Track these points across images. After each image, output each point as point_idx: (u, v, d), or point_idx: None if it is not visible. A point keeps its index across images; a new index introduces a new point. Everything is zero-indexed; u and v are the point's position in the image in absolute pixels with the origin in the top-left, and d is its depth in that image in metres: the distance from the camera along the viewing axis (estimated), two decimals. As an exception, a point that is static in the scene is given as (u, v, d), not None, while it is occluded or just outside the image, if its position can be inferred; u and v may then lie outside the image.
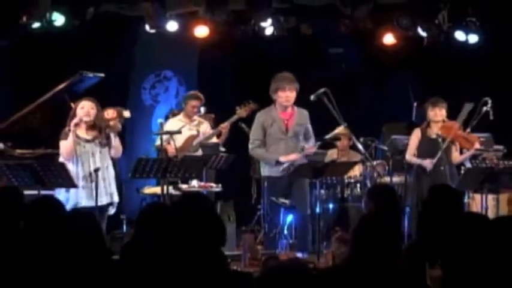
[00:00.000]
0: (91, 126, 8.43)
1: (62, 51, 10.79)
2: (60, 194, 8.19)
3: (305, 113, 9.11)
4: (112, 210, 8.62)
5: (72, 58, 10.72)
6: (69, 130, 8.35)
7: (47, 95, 9.60)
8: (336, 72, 12.00)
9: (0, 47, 11.17)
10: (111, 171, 8.59)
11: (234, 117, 10.10)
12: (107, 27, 11.06)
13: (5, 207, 5.28)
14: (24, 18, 9.83)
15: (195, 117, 10.23)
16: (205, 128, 10.18)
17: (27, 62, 11.18)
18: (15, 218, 5.07)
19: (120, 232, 10.06)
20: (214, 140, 10.18)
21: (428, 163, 9.04)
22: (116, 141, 8.52)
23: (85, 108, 8.39)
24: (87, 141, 8.42)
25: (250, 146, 9.14)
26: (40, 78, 10.51)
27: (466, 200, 9.01)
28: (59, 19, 9.91)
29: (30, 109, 9.63)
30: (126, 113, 8.67)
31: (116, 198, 8.56)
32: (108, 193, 8.45)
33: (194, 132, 10.07)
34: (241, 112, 10.04)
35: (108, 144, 8.46)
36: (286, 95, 8.93)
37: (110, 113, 8.54)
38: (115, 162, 9.12)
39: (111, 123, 8.48)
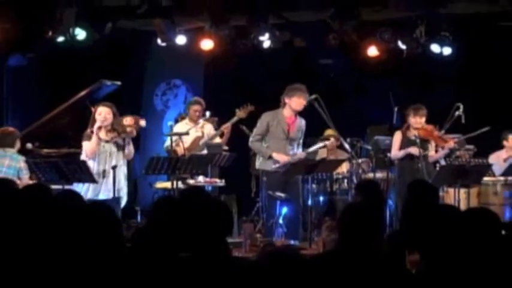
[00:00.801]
0: (110, 129, 8.44)
1: (84, 62, 10.79)
2: (78, 187, 8.17)
3: (304, 121, 9.18)
4: (122, 203, 8.59)
5: (93, 68, 10.72)
6: (92, 132, 8.36)
7: (70, 100, 9.62)
8: (325, 80, 12.01)
9: (29, 58, 11.18)
10: (123, 171, 8.57)
11: (235, 119, 10.07)
12: (123, 41, 11.08)
13: (34, 202, 5.29)
14: (50, 33, 9.83)
15: (200, 120, 10.20)
16: (209, 129, 10.17)
17: (53, 72, 11.19)
18: (43, 212, 5.06)
19: (135, 222, 10.08)
20: (218, 140, 10.17)
21: (414, 150, 9.05)
22: (129, 145, 8.51)
23: (102, 115, 8.39)
24: (106, 141, 8.43)
25: (250, 139, 9.19)
26: (64, 86, 10.52)
27: (440, 194, 9.00)
28: (81, 34, 9.91)
29: (55, 113, 9.65)
30: (142, 122, 8.68)
31: (123, 194, 8.52)
32: (116, 189, 8.42)
33: (199, 134, 10.06)
34: (241, 113, 10.01)
35: (123, 146, 8.46)
36: (301, 102, 8.96)
37: (128, 120, 8.56)
38: (129, 161, 9.14)
39: (128, 129, 8.48)
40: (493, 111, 10.97)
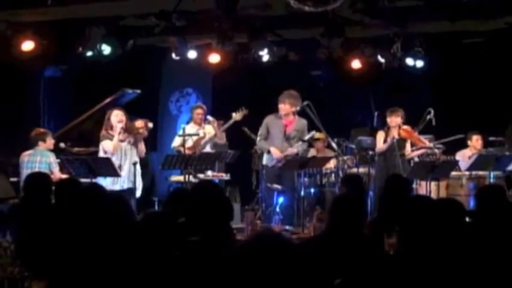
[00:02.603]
0: (124, 130, 8.39)
1: (108, 73, 10.77)
2: (99, 180, 8.11)
3: (303, 121, 9.17)
4: (137, 194, 8.49)
5: (116, 78, 10.69)
6: (108, 133, 8.34)
7: (96, 106, 9.59)
8: (316, 89, 11.99)
9: (63, 70, 11.17)
10: (137, 167, 8.50)
11: (231, 121, 9.99)
12: (143, 55, 11.05)
13: (67, 193, 5.29)
14: (80, 49, 9.81)
15: (203, 124, 10.11)
16: (210, 129, 10.04)
17: (82, 82, 11.17)
18: (74, 201, 5.05)
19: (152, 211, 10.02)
20: (216, 138, 10.03)
21: (390, 138, 9.00)
22: (141, 144, 8.48)
23: (118, 116, 8.36)
24: (121, 141, 8.39)
25: (257, 139, 9.32)
26: (91, 93, 10.50)
27: (414, 186, 8.97)
28: (106, 49, 9.87)
29: (84, 117, 9.64)
30: (150, 124, 8.67)
31: (137, 185, 8.44)
32: (130, 181, 8.37)
33: (201, 135, 9.96)
34: (237, 116, 9.91)
35: (135, 145, 8.43)
36: (280, 107, 9.06)
37: (139, 123, 8.53)
38: (148, 158, 9.09)
39: (140, 130, 8.46)
40: (459, 115, 10.96)
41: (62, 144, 9.24)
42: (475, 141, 10.04)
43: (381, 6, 8.74)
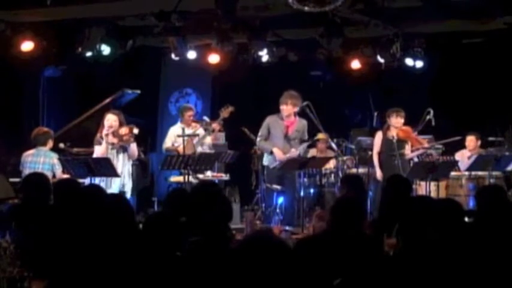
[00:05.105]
0: (114, 135, 8.36)
1: (108, 74, 10.77)
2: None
3: (304, 122, 9.13)
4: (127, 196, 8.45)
5: (115, 79, 10.69)
6: (101, 138, 8.31)
7: (96, 107, 9.59)
8: (315, 89, 11.99)
9: (62, 70, 11.17)
10: (128, 169, 8.47)
11: (219, 119, 9.91)
12: (142, 56, 11.05)
13: (67, 194, 5.29)
14: (80, 49, 9.81)
15: (192, 125, 10.03)
16: (200, 131, 9.97)
17: (82, 82, 11.17)
18: (74, 201, 5.05)
19: (152, 211, 10.02)
20: (208, 139, 9.95)
21: (379, 175, 9.05)
22: (131, 148, 8.40)
23: (109, 121, 8.31)
24: (112, 144, 8.35)
25: (257, 139, 9.25)
26: (91, 94, 10.49)
27: (414, 186, 8.97)
28: (106, 49, 9.88)
29: (84, 118, 9.63)
30: (136, 130, 8.54)
31: (127, 188, 8.41)
32: (121, 183, 8.33)
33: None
34: (224, 114, 9.84)
35: (125, 150, 8.39)
36: (282, 108, 9.00)
37: (123, 130, 8.44)
38: (147, 159, 9.01)
39: (125, 138, 8.36)
40: (459, 115, 10.97)
41: (62, 145, 9.22)
42: (468, 142, 10.07)
43: (380, 6, 8.74)
